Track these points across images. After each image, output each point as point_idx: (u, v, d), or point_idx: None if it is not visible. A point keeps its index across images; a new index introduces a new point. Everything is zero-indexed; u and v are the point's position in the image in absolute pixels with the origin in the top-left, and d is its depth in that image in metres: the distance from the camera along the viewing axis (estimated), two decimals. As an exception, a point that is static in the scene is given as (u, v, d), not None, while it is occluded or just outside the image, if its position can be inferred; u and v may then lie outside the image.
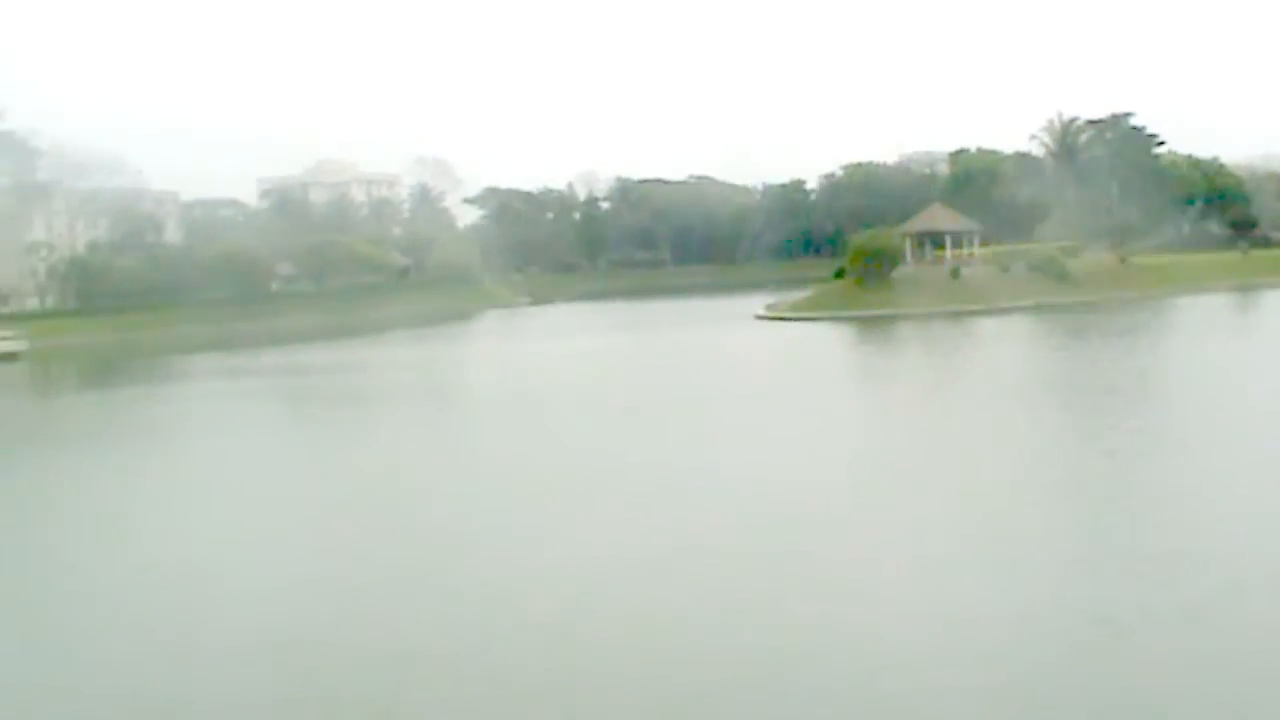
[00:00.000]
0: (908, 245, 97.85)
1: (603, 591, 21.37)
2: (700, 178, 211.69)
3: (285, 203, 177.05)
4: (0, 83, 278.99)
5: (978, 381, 51.99)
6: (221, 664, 18.29)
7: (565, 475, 32.45)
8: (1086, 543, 23.15)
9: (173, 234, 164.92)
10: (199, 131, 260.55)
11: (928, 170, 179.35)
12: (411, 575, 23.10)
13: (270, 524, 28.88)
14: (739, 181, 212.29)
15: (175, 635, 19.91)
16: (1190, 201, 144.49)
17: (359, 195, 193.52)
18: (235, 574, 23.81)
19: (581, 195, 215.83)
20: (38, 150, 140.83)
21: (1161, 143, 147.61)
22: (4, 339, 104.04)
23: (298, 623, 20.45)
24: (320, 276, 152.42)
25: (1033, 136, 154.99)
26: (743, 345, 74.72)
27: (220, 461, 39.74)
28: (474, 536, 26.06)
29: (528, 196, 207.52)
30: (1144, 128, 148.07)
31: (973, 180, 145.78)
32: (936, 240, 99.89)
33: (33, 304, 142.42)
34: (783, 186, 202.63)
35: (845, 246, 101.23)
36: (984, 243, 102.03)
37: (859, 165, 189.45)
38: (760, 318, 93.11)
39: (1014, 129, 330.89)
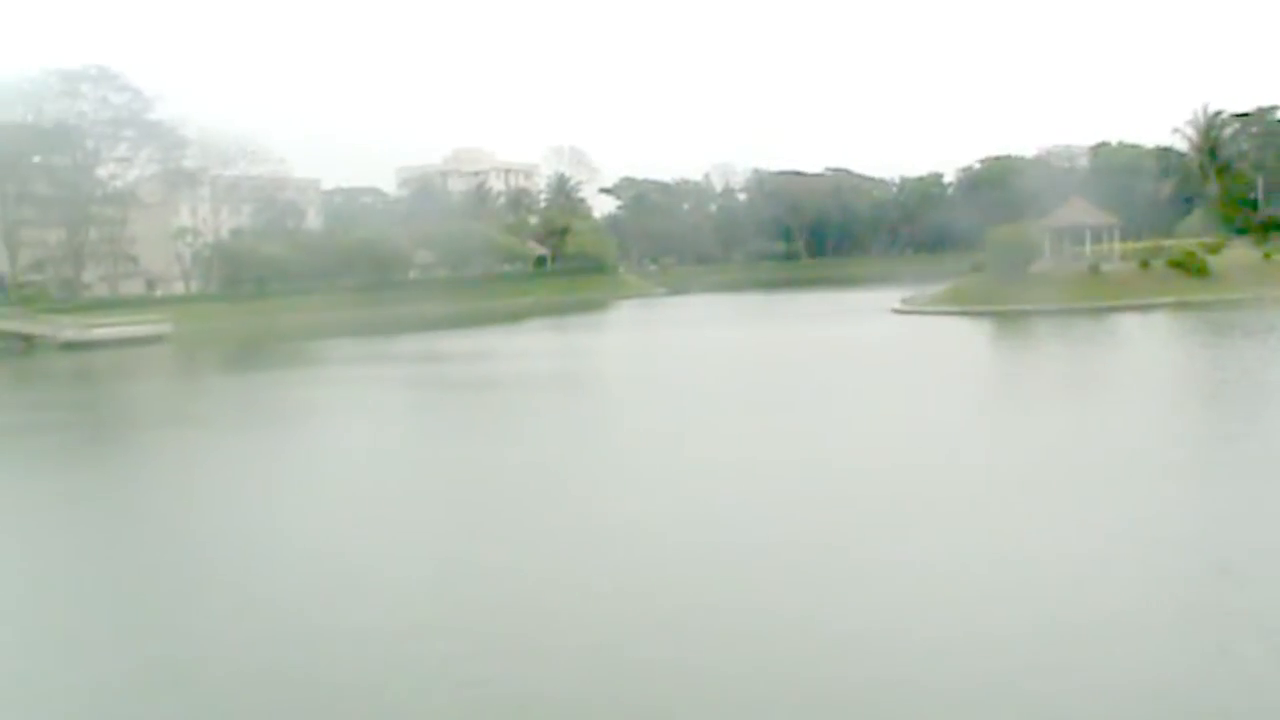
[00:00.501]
0: (1046, 240, 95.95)
1: (733, 588, 20.83)
2: (836, 170, 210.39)
3: (424, 191, 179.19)
4: (150, 73, 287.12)
5: (1126, 377, 50.53)
6: (364, 647, 18.27)
7: (717, 467, 31.93)
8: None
9: (314, 221, 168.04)
10: (341, 120, 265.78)
11: (1067, 164, 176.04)
12: (556, 563, 22.81)
13: (415, 510, 28.81)
14: (876, 175, 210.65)
15: (324, 618, 19.94)
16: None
17: (497, 184, 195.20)
18: (382, 560, 23.78)
19: (718, 187, 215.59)
20: (185, 139, 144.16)
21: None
22: (151, 322, 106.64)
23: (450, 609, 20.35)
24: (457, 264, 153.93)
25: (1175, 130, 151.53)
26: (882, 339, 73.66)
27: (360, 446, 39.97)
28: (637, 526, 25.62)
29: (664, 187, 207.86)
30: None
31: (1113, 174, 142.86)
32: (1076, 235, 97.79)
33: (178, 288, 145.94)
34: (920, 179, 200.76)
35: (983, 240, 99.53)
36: (1124, 238, 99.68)
37: (997, 159, 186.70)
38: (897, 311, 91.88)
39: (1156, 123, 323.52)
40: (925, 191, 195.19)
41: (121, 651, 18.71)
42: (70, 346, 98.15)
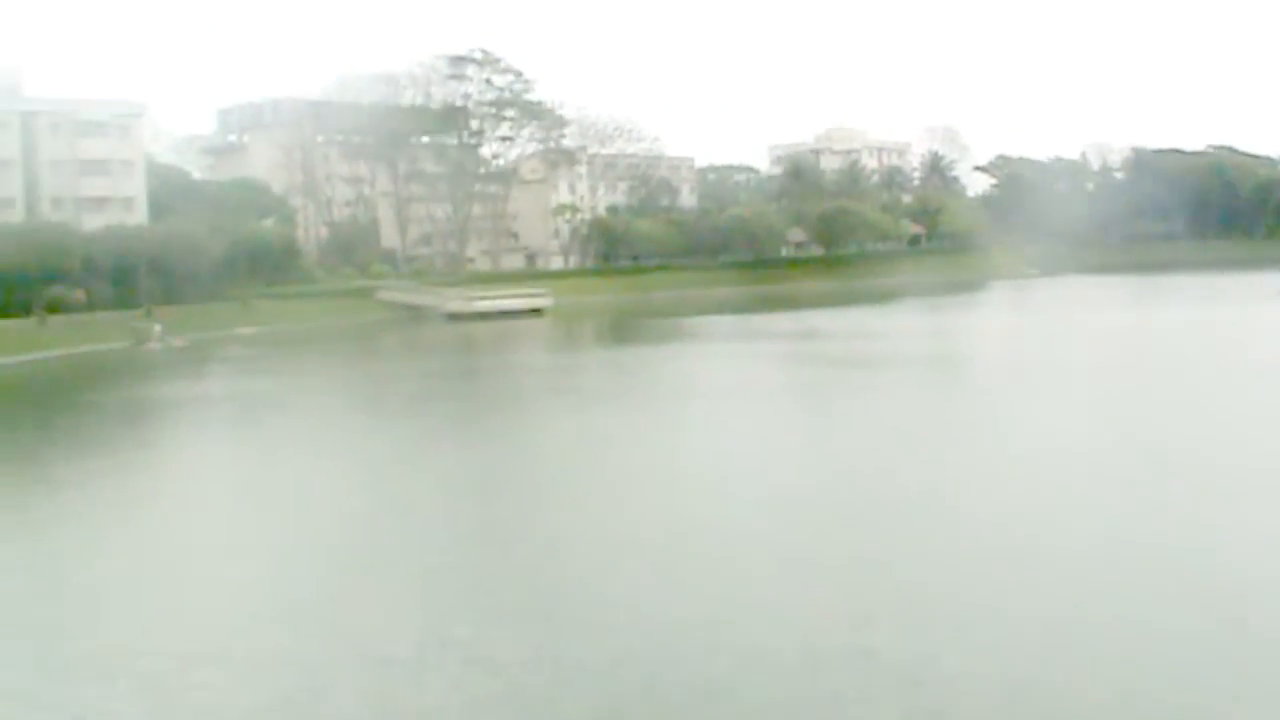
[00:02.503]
0: None
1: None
2: (1219, 148, 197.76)
3: (797, 169, 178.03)
4: (530, 56, 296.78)
5: None
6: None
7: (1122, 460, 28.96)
8: None
9: (687, 198, 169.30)
10: (715, 98, 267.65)
11: None
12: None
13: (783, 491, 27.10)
14: (1262, 152, 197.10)
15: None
16: None
17: (869, 162, 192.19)
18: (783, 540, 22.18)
19: (1094, 165, 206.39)
20: (564, 119, 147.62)
21: None
22: (533, 295, 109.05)
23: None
24: (830, 243, 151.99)
25: None
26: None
27: (746, 422, 38.63)
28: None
29: (1039, 166, 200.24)
30: None
31: None
32: None
33: (556, 263, 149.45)
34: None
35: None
36: None
37: None
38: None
39: None
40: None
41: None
42: (455, 317, 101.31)
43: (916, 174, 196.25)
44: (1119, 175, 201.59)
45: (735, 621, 17.11)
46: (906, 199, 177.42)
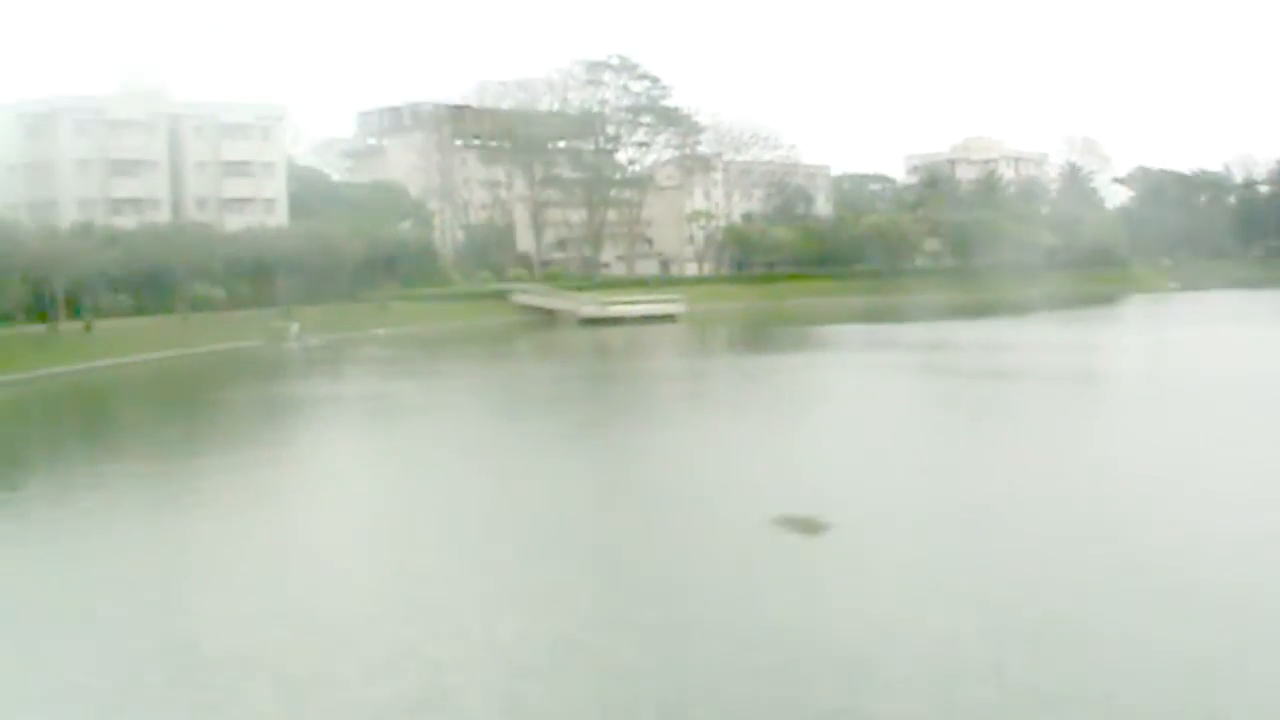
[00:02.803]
0: None
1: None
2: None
3: (933, 179, 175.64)
4: (664, 62, 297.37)
5: None
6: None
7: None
8: None
9: (822, 206, 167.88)
10: (851, 108, 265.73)
11: None
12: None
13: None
14: None
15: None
16: None
17: (1006, 173, 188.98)
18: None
19: (1237, 178, 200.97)
20: (700, 125, 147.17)
21: None
22: (666, 301, 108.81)
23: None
24: (965, 253, 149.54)
25: None
26: None
27: (877, 431, 37.93)
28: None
29: (1180, 178, 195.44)
30: None
31: None
32: None
33: (690, 269, 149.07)
34: None
35: None
36: None
37: None
38: None
39: None
40: None
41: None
42: (589, 322, 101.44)
43: (1054, 185, 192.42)
44: (1264, 189, 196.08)
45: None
46: (1044, 210, 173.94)
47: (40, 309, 79.26)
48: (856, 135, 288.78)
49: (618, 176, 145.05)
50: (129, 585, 21.03)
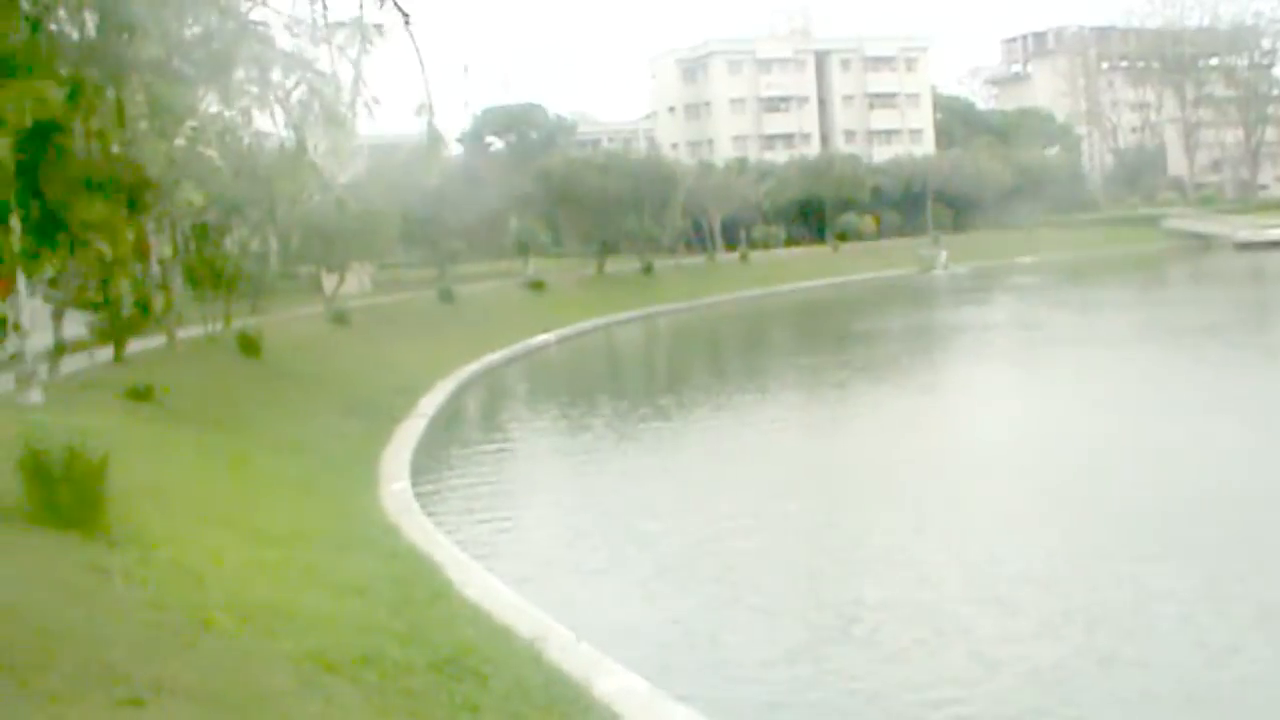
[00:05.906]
0: None
1: None
2: None
3: None
4: None
5: None
6: None
7: None
8: None
9: None
10: None
11: None
12: None
13: None
14: None
15: None
16: None
17: None
18: None
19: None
20: None
21: None
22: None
23: None
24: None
25: None
26: None
27: None
28: None
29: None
30: None
31: None
32: None
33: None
34: None
35: None
36: None
37: None
38: None
39: None
40: None
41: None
42: (1245, 247, 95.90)
43: None
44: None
45: None
46: None
47: (698, 241, 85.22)
48: None
49: (1275, 93, 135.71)
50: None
